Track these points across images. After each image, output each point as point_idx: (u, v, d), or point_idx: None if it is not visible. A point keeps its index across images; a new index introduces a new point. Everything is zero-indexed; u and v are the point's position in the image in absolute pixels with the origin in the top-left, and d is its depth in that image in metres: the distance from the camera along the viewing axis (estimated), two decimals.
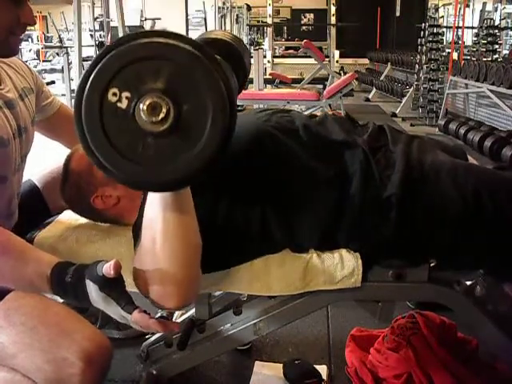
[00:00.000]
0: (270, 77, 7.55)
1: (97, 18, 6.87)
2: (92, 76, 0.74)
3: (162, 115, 0.73)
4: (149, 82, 0.74)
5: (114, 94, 0.74)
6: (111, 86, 0.73)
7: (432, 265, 1.14)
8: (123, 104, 0.74)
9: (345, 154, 1.12)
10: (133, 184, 0.83)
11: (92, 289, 0.88)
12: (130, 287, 1.14)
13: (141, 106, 0.73)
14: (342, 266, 1.10)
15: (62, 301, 1.37)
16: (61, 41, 10.43)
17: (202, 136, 0.75)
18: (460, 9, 6.31)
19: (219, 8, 10.18)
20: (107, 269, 0.87)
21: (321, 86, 7.38)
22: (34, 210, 1.33)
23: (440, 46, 6.27)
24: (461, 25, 6.19)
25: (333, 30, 9.12)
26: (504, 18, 8.56)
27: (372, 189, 1.07)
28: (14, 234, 1.00)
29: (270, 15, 9.25)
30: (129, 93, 0.74)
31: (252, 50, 7.12)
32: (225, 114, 0.75)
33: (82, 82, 0.75)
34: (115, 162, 0.77)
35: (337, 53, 9.22)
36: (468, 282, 1.22)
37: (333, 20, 9.11)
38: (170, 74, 0.74)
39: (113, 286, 0.88)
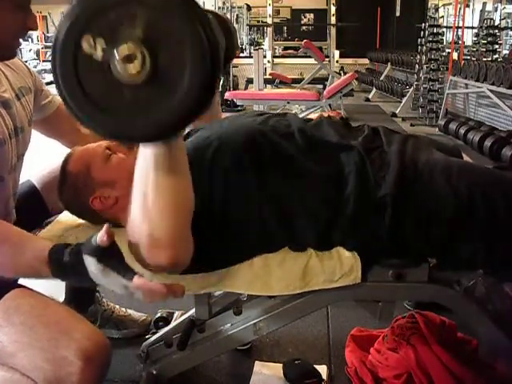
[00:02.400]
0: (270, 77, 7.55)
1: None
2: (66, 24, 0.70)
3: (137, 65, 0.69)
4: (124, 30, 0.70)
5: (89, 43, 0.70)
6: (85, 33, 0.70)
7: (432, 265, 1.14)
8: (98, 54, 0.70)
9: (340, 155, 1.13)
10: (111, 136, 0.80)
11: (90, 263, 0.88)
12: None
13: (116, 55, 0.69)
14: (340, 263, 1.10)
15: (61, 300, 1.37)
16: None
17: (181, 87, 0.71)
18: (460, 9, 6.31)
19: (219, 8, 10.17)
20: (101, 236, 0.87)
21: (321, 86, 7.39)
22: (32, 210, 1.33)
23: (440, 45, 6.27)
24: (461, 25, 6.19)
25: (333, 30, 9.12)
26: (504, 18, 8.55)
27: (367, 189, 1.08)
28: (10, 224, 1.01)
29: (270, 15, 9.25)
30: (103, 41, 0.70)
31: (252, 50, 7.12)
32: (205, 64, 0.70)
33: (57, 31, 0.72)
34: (92, 114, 0.74)
35: (337, 53, 9.22)
36: (468, 282, 1.22)
37: (333, 20, 9.10)
38: (146, 20, 0.69)
39: (110, 256, 0.88)
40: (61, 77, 0.73)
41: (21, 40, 1.11)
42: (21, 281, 1.15)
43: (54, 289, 1.42)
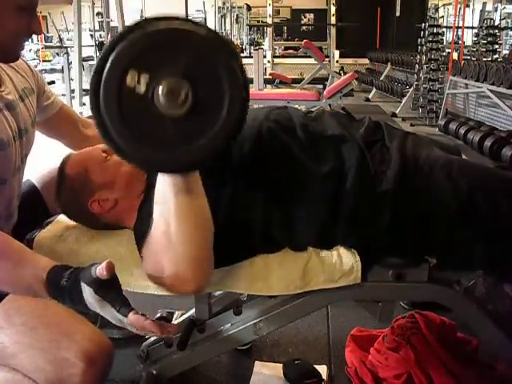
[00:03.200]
0: (270, 77, 7.55)
1: (98, 13, 6.88)
2: (110, 60, 0.74)
3: (180, 99, 0.74)
4: (168, 66, 0.74)
5: (133, 78, 0.74)
6: (130, 69, 0.73)
7: (432, 265, 1.14)
8: (141, 88, 0.74)
9: (341, 149, 1.12)
10: (149, 166, 0.85)
11: (87, 292, 0.87)
12: (131, 287, 1.15)
13: (160, 89, 0.74)
14: (340, 263, 1.10)
15: None
16: (61, 41, 10.44)
17: (219, 120, 0.76)
18: (460, 9, 6.31)
19: (219, 8, 10.19)
20: (100, 270, 0.86)
21: (321, 86, 7.38)
22: (33, 210, 1.33)
23: (440, 45, 6.27)
24: (461, 25, 6.19)
25: (333, 30, 9.11)
26: (504, 18, 8.56)
27: (367, 184, 1.07)
28: (11, 238, 1.00)
29: (269, 15, 9.24)
30: (147, 76, 0.74)
31: (252, 50, 7.10)
32: (241, 99, 0.77)
33: (98, 65, 0.75)
34: (133, 146, 0.77)
35: (337, 53, 9.21)
36: (468, 282, 1.22)
37: (333, 20, 9.10)
38: (190, 58, 0.74)
39: (107, 289, 0.88)
40: (105, 109, 0.75)
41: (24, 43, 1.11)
42: None
43: None
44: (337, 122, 1.19)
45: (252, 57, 6.51)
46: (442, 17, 10.39)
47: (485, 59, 5.65)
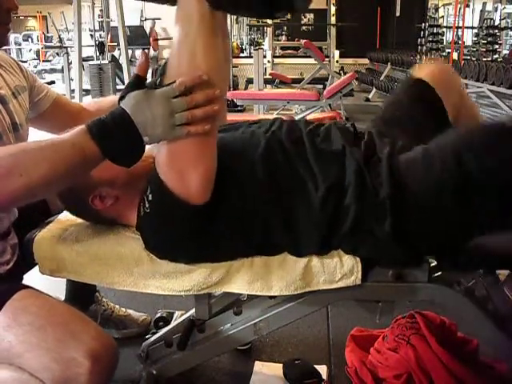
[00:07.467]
0: (270, 77, 7.55)
1: (100, 14, 6.89)
2: None
3: None
4: None
5: None
6: None
7: (432, 265, 1.14)
8: None
9: (342, 164, 1.13)
10: None
11: (131, 101, 0.91)
12: (131, 287, 1.15)
13: None
14: (341, 264, 1.11)
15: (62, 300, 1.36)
16: (61, 41, 10.44)
17: None
18: (460, 9, 6.32)
19: None
20: (138, 62, 0.92)
21: (321, 86, 7.39)
22: (34, 209, 1.33)
23: (440, 46, 6.29)
24: (461, 25, 6.20)
25: (333, 30, 9.11)
26: (504, 18, 8.57)
27: (366, 197, 1.08)
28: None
29: None
30: None
31: (252, 50, 7.12)
32: None
33: None
34: None
35: (337, 53, 9.22)
36: (468, 282, 1.22)
37: (333, 20, 9.10)
38: None
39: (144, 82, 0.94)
40: None
41: (8, 27, 1.08)
42: (26, 281, 1.16)
43: (55, 289, 1.42)
44: (342, 138, 1.20)
45: (252, 57, 6.51)
46: (442, 17, 10.40)
47: (485, 59, 5.66)
